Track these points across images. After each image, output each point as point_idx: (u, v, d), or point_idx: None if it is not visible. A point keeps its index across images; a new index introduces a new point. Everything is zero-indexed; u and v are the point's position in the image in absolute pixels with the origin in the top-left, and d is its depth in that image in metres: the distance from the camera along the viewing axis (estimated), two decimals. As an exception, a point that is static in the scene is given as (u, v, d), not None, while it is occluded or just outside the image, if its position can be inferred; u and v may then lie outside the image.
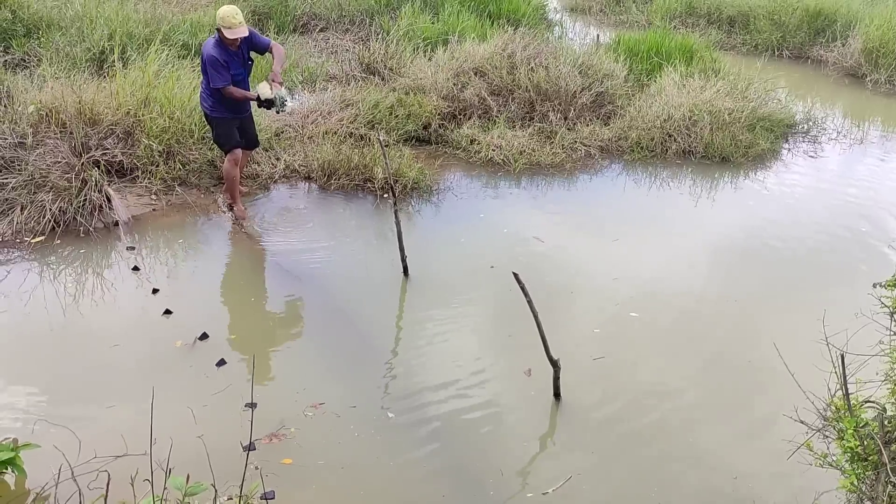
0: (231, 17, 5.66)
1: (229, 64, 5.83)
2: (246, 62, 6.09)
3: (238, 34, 5.70)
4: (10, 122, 6.54)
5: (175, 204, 6.54)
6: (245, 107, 6.26)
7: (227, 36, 5.68)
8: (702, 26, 13.42)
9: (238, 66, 5.96)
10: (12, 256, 5.66)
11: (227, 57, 5.81)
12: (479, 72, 8.72)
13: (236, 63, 5.93)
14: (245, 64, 6.07)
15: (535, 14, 12.02)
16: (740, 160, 8.08)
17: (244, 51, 6.01)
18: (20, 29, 8.80)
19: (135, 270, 5.55)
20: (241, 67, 6.01)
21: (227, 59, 5.81)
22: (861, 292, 3.45)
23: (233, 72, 5.90)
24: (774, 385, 4.38)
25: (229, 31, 5.66)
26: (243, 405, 4.15)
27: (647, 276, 5.76)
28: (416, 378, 4.57)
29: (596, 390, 4.52)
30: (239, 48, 5.92)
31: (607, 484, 3.85)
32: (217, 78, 5.81)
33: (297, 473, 3.76)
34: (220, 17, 5.68)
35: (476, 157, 7.77)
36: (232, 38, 5.70)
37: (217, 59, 5.77)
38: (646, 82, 9.42)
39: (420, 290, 5.50)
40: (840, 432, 2.95)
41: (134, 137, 6.76)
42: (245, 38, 5.89)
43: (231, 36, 5.68)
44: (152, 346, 4.72)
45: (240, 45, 5.91)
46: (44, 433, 3.84)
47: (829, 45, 12.29)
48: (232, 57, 5.87)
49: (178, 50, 8.36)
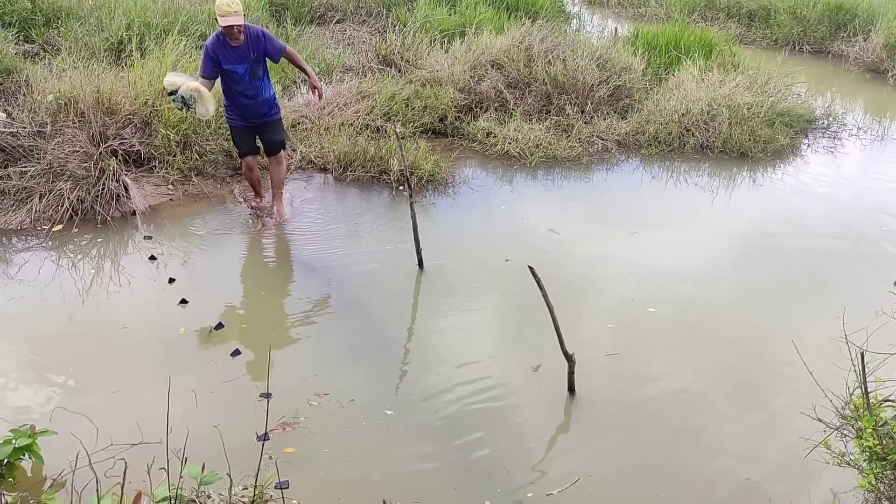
0: (225, 5, 5.52)
1: (220, 57, 5.68)
2: (252, 62, 5.81)
3: (230, 21, 5.51)
4: (29, 111, 6.58)
5: (191, 194, 6.57)
6: (257, 114, 6.03)
7: (220, 23, 5.54)
8: (721, 20, 13.30)
9: (234, 62, 5.74)
10: (31, 245, 5.71)
11: (220, 50, 5.67)
12: (495, 64, 8.69)
13: (232, 59, 5.72)
14: (250, 63, 5.80)
15: (553, 6, 11.96)
16: (759, 155, 8.01)
17: (251, 50, 5.77)
18: (39, 18, 8.85)
19: (151, 259, 5.58)
20: (239, 64, 5.76)
21: (219, 51, 5.66)
22: (882, 290, 3.43)
23: (226, 66, 5.73)
24: (792, 383, 4.35)
25: (222, 18, 5.51)
26: (258, 395, 4.17)
27: (663, 271, 5.72)
28: (429, 370, 4.57)
29: (609, 386, 4.49)
30: (244, 46, 5.73)
31: (616, 484, 3.80)
32: (201, 67, 5.77)
33: (308, 462, 3.77)
34: (216, 5, 5.56)
35: (492, 150, 7.75)
36: (224, 24, 5.52)
37: (206, 49, 5.68)
38: (664, 76, 9.35)
39: (435, 283, 5.50)
40: (858, 431, 2.93)
41: (151, 127, 6.79)
42: (255, 38, 5.74)
43: (223, 23, 5.52)
44: (168, 335, 4.74)
45: (245, 41, 5.72)
46: (61, 420, 3.87)
47: (850, 40, 12.16)
48: (228, 51, 5.69)
49: (195, 40, 8.37)
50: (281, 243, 5.94)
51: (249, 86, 5.88)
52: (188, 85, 5.61)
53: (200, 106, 5.67)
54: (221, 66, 5.72)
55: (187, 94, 5.59)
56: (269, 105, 6.09)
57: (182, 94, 5.59)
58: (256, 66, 5.86)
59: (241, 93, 5.88)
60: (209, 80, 5.76)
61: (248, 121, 6.03)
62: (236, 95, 5.89)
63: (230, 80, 5.82)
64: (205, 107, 5.68)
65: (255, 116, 6.05)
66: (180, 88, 5.59)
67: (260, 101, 5.99)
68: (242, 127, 6.06)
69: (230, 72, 5.77)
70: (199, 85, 5.65)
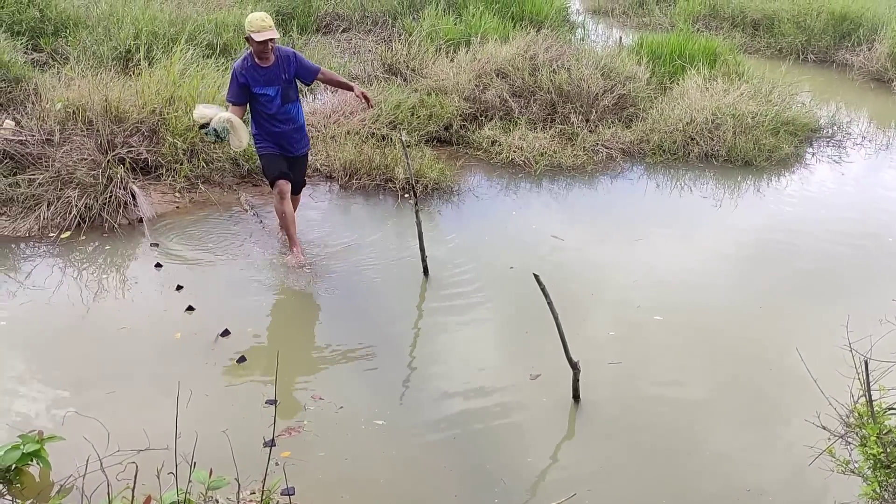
0: (259, 20, 5.21)
1: (250, 80, 5.36)
2: (284, 83, 5.48)
3: (266, 35, 5.19)
4: (37, 119, 6.63)
5: (198, 201, 6.61)
6: (292, 142, 5.70)
7: (256, 39, 5.19)
8: (725, 29, 13.32)
9: (264, 85, 5.41)
10: (39, 251, 5.75)
11: (250, 72, 5.36)
12: (500, 73, 8.72)
13: (262, 81, 5.40)
14: (282, 84, 5.47)
15: (558, 16, 12.00)
16: (763, 164, 8.02)
17: (281, 71, 5.45)
18: (48, 27, 8.92)
19: (158, 267, 5.61)
20: (270, 86, 5.44)
21: (248, 74, 5.35)
22: (886, 299, 3.44)
23: (257, 90, 5.40)
24: (796, 391, 4.35)
25: (258, 34, 5.19)
26: (264, 401, 4.19)
27: (667, 279, 5.73)
28: (432, 378, 4.59)
29: (612, 394, 4.49)
30: (274, 67, 5.42)
31: (616, 496, 3.79)
32: (228, 92, 5.48)
33: (310, 468, 3.79)
34: (247, 21, 5.27)
35: (497, 159, 7.78)
36: (260, 39, 5.18)
37: (235, 72, 5.37)
38: (668, 85, 9.37)
39: (439, 290, 5.52)
40: (863, 439, 2.94)
41: (159, 135, 6.84)
42: (285, 59, 5.44)
43: (259, 38, 5.17)
44: (174, 342, 4.77)
45: (275, 61, 5.41)
46: (68, 425, 3.90)
47: (855, 49, 12.16)
48: (258, 73, 5.37)
49: (202, 49, 8.43)
50: (285, 249, 5.96)
51: (282, 109, 5.54)
52: (220, 116, 5.31)
53: (234, 138, 5.39)
54: (251, 89, 5.40)
55: (220, 126, 5.29)
56: (303, 134, 5.82)
57: (214, 128, 5.29)
58: (288, 88, 5.55)
59: (273, 117, 5.53)
60: (239, 106, 5.47)
61: (284, 149, 5.69)
62: (269, 121, 5.54)
63: (261, 105, 5.49)
64: (238, 139, 5.40)
65: (291, 145, 5.72)
66: (212, 121, 5.29)
67: (295, 127, 5.69)
68: (275, 154, 5.67)
69: (261, 95, 5.43)
70: (232, 115, 5.34)
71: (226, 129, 5.30)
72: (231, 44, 9.17)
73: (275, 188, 5.64)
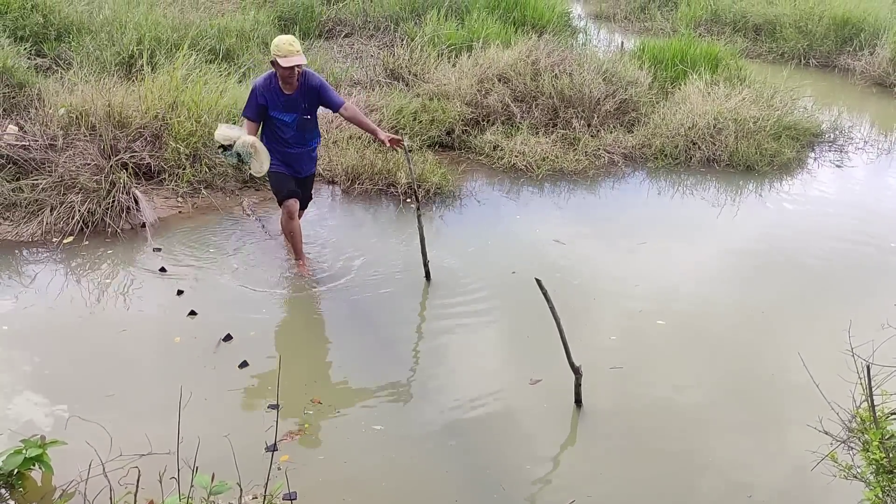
0: (287, 44, 5.04)
1: (269, 102, 5.23)
2: (302, 113, 5.35)
3: (292, 62, 5.02)
4: (41, 124, 6.66)
5: (201, 206, 6.62)
6: (303, 164, 5.60)
7: (282, 64, 5.02)
8: (727, 34, 13.33)
9: (282, 111, 5.29)
10: (42, 256, 5.76)
11: (270, 95, 5.23)
12: (502, 78, 8.74)
13: (280, 106, 5.27)
14: (300, 114, 5.34)
15: (560, 21, 12.02)
16: (765, 169, 8.03)
17: (303, 100, 5.32)
18: (51, 33, 8.95)
19: (161, 271, 5.62)
20: (287, 113, 5.31)
21: (268, 96, 5.22)
22: (887, 303, 3.44)
23: (273, 114, 5.29)
24: (799, 396, 4.34)
25: (284, 59, 5.01)
26: (266, 406, 4.19)
27: (669, 284, 5.73)
28: (432, 383, 4.59)
29: (614, 399, 4.49)
30: (296, 94, 5.28)
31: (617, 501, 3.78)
32: (246, 107, 5.36)
33: (310, 472, 3.79)
34: (274, 45, 5.09)
35: (499, 163, 7.79)
36: (286, 65, 5.02)
37: (255, 91, 5.24)
38: (670, 90, 9.38)
39: (441, 295, 5.52)
40: (865, 444, 2.93)
41: (161, 140, 6.86)
42: (310, 89, 5.29)
43: (286, 64, 5.01)
44: (177, 346, 4.78)
45: (298, 89, 5.26)
46: (71, 430, 3.90)
47: (857, 54, 12.18)
48: (278, 97, 5.24)
49: (205, 55, 8.45)
50: (288, 256, 5.97)
51: (297, 135, 5.43)
52: (244, 139, 5.12)
53: (255, 162, 5.18)
54: (269, 111, 5.29)
55: (244, 150, 5.11)
56: (314, 157, 5.71)
57: (238, 151, 5.12)
58: (306, 119, 5.42)
59: (286, 142, 5.43)
60: (253, 122, 5.35)
61: (293, 169, 5.56)
62: (281, 143, 5.42)
63: (276, 129, 5.38)
64: (259, 163, 5.19)
65: (301, 167, 5.61)
66: (236, 143, 5.12)
67: (308, 150, 5.60)
68: (285, 174, 5.53)
69: (277, 120, 5.33)
70: (256, 140, 5.18)
71: (249, 153, 5.14)
72: (233, 49, 9.19)
73: (285, 207, 5.54)
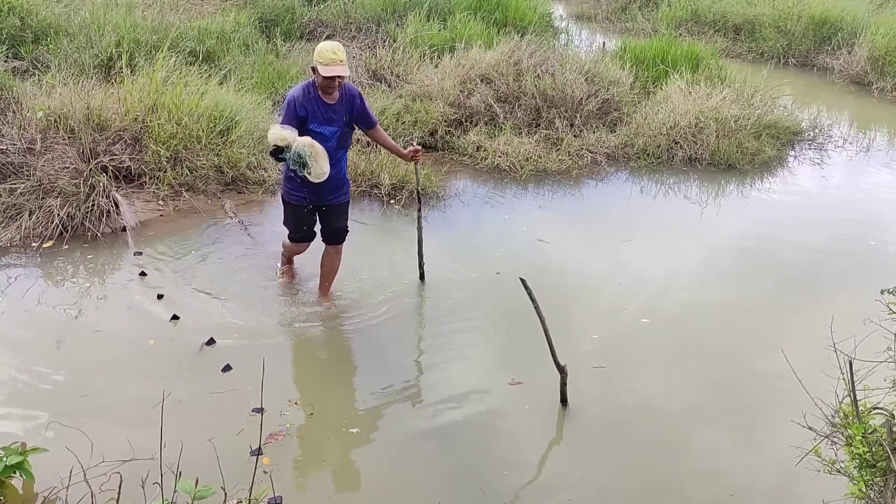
0: (330, 52, 4.57)
1: (309, 114, 4.69)
2: (344, 126, 4.86)
3: (334, 72, 4.56)
4: (18, 127, 6.57)
5: (182, 209, 6.56)
6: (331, 193, 4.98)
7: (323, 73, 4.55)
8: (708, 34, 13.43)
9: (323, 123, 4.74)
10: (21, 261, 5.69)
11: (311, 105, 4.69)
12: (485, 79, 8.75)
13: (322, 118, 4.74)
14: (341, 127, 4.85)
15: (542, 21, 12.05)
16: (746, 167, 8.08)
17: (345, 111, 4.85)
18: (28, 35, 8.85)
19: (142, 276, 5.57)
20: (329, 126, 4.77)
21: (308, 107, 4.68)
22: (869, 299, 3.45)
23: (313, 127, 4.71)
24: (782, 392, 4.36)
25: (326, 67, 4.55)
26: (251, 409, 4.16)
27: (653, 282, 5.75)
28: (417, 382, 4.60)
29: (599, 398, 4.50)
30: (338, 105, 4.80)
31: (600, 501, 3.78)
32: (282, 120, 4.73)
33: (293, 475, 3.77)
34: (316, 51, 4.62)
35: (482, 164, 7.79)
36: (327, 75, 4.55)
37: (293, 101, 4.67)
38: (652, 89, 9.43)
39: (425, 295, 5.51)
40: (848, 438, 2.95)
41: (142, 143, 6.80)
42: (350, 98, 4.85)
43: (326, 73, 4.54)
44: (159, 351, 4.73)
45: (341, 99, 4.80)
46: (52, 436, 3.85)
47: (835, 53, 12.30)
48: (319, 109, 4.72)
49: (185, 56, 8.39)
50: (273, 258, 5.93)
51: (333, 155, 4.79)
52: (302, 139, 4.51)
53: (315, 164, 4.54)
54: (308, 125, 4.71)
55: (305, 151, 4.48)
56: (344, 181, 5.11)
57: (298, 152, 4.46)
58: (347, 133, 4.95)
59: None
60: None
61: (319, 198, 4.97)
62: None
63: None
64: (319, 165, 4.55)
65: (330, 193, 4.99)
66: (294, 144, 4.48)
67: (339, 174, 4.98)
68: (305, 207, 5.00)
69: (315, 133, 4.71)
70: (313, 140, 4.58)
71: (308, 152, 4.52)
72: (214, 51, 9.13)
73: (292, 244, 5.29)
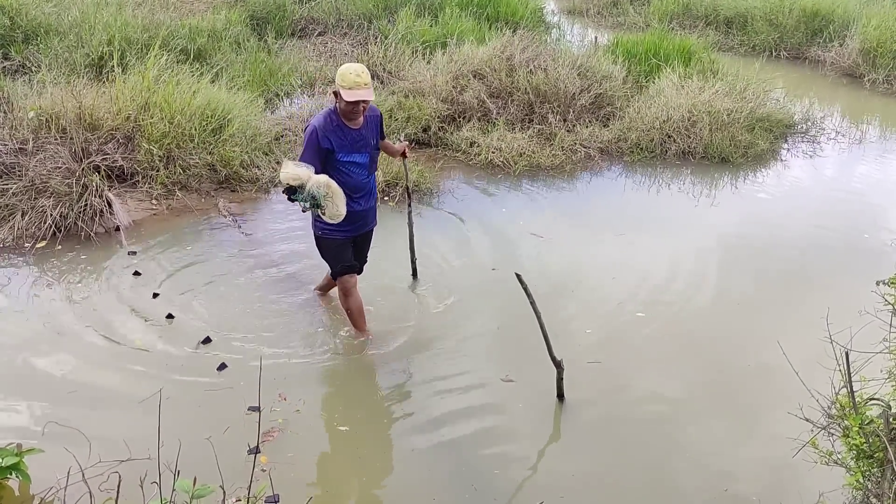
0: (354, 75, 4.21)
1: (335, 145, 4.35)
2: (373, 150, 4.58)
3: (358, 96, 4.21)
4: (10, 127, 6.55)
5: (176, 208, 6.54)
6: (367, 222, 4.78)
7: (346, 98, 4.21)
8: (699, 28, 13.46)
9: (352, 151, 4.43)
10: (14, 262, 5.66)
11: (335, 135, 4.35)
12: (477, 74, 8.74)
13: (349, 146, 4.41)
14: (370, 151, 4.55)
15: (533, 16, 12.05)
16: (739, 160, 8.10)
17: (371, 134, 4.53)
18: (19, 35, 8.81)
19: (136, 275, 5.54)
20: (359, 153, 4.47)
21: (333, 137, 4.34)
22: (864, 290, 3.45)
23: (342, 157, 4.40)
24: (778, 384, 4.38)
25: (348, 92, 4.20)
26: (247, 408, 4.15)
27: (647, 276, 5.76)
28: (413, 379, 4.59)
29: (594, 392, 4.50)
30: (364, 129, 4.48)
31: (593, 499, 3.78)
32: (302, 154, 4.34)
33: (291, 472, 3.76)
34: (339, 73, 4.25)
35: (476, 160, 7.78)
36: (350, 100, 4.22)
37: (315, 133, 4.31)
38: (644, 84, 9.44)
39: (419, 292, 5.50)
40: (845, 430, 2.96)
41: (134, 142, 6.77)
42: (373, 119, 4.54)
43: (349, 98, 4.20)
44: (154, 350, 4.72)
45: (366, 123, 4.47)
46: (48, 437, 3.84)
47: (827, 46, 12.33)
48: (345, 137, 4.39)
49: (176, 55, 8.36)
50: (265, 257, 5.92)
51: (367, 181, 4.60)
52: (316, 179, 4.17)
53: (331, 204, 4.23)
54: (335, 156, 4.39)
55: (319, 192, 4.16)
56: (375, 205, 4.85)
57: (312, 192, 4.15)
58: (376, 155, 4.66)
59: (354, 190, 4.49)
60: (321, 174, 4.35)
61: (356, 229, 4.70)
62: (347, 197, 4.33)
63: (344, 176, 4.41)
64: (336, 206, 4.24)
65: (366, 222, 4.78)
66: (308, 183, 4.15)
67: (373, 202, 4.78)
68: (344, 241, 4.68)
69: (347, 164, 4.44)
70: (329, 178, 4.22)
71: (322, 194, 4.20)
72: (205, 49, 9.09)
73: (342, 282, 4.76)
